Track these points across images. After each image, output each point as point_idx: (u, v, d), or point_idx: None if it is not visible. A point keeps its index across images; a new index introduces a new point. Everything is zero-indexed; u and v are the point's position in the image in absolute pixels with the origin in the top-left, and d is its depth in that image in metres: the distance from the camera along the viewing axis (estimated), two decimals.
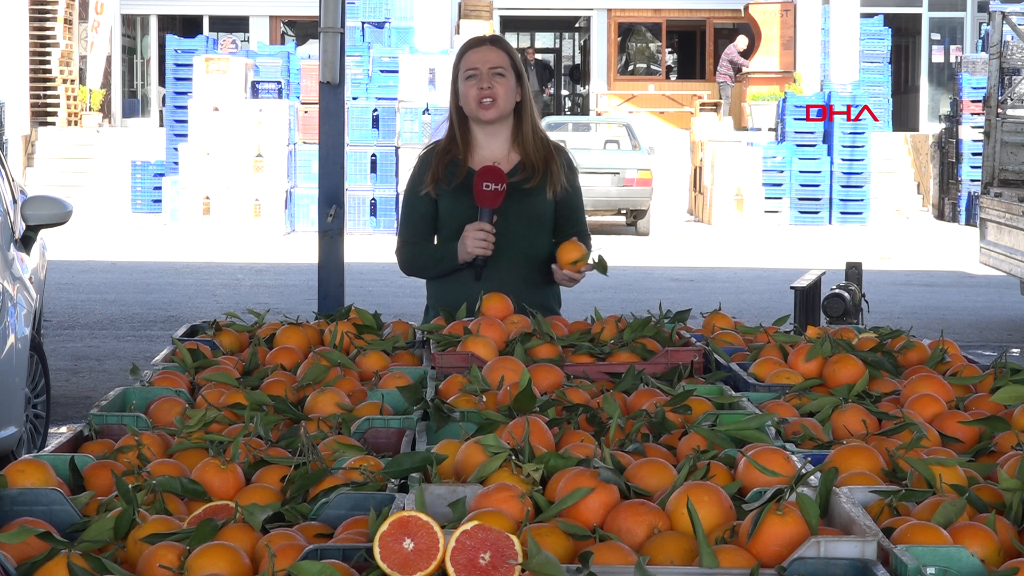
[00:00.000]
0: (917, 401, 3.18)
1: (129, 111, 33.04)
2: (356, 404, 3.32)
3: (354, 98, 22.69)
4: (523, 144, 4.70)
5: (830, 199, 25.12)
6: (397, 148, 22.63)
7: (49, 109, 28.43)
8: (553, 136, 4.95)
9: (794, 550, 2.21)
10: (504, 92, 4.63)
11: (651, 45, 35.47)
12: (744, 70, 30.35)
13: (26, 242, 8.00)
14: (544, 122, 23.31)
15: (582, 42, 38.49)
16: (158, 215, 23.41)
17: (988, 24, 19.88)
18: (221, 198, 21.94)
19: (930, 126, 31.21)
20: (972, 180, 24.43)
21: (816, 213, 25.06)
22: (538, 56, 40.19)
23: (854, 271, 7.16)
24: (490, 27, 28.90)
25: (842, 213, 25.16)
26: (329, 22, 5.50)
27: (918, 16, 33.50)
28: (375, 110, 22.76)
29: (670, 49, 36.42)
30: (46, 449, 2.99)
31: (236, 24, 33.81)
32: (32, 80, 27.90)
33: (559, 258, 4.53)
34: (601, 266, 4.45)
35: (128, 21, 33.66)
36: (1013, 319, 14.31)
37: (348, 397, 3.34)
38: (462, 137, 4.70)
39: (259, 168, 21.97)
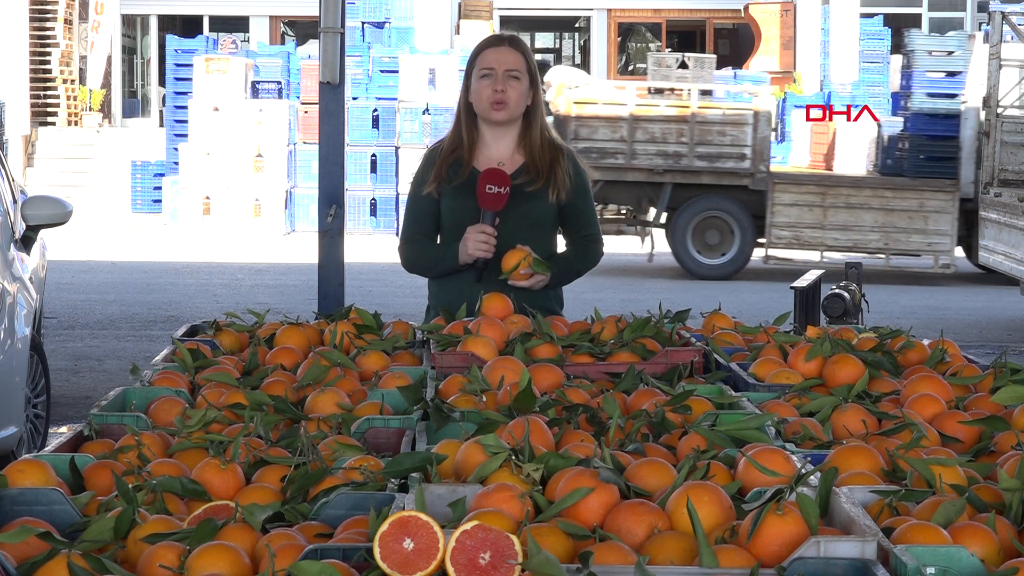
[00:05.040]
0: (917, 401, 3.18)
1: (129, 111, 33.02)
2: (356, 404, 3.31)
3: (354, 98, 22.68)
4: (529, 147, 4.66)
5: None
6: (397, 148, 22.63)
7: (49, 109, 28.42)
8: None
9: (794, 550, 2.21)
10: (517, 96, 4.61)
11: (651, 45, 35.47)
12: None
13: (26, 242, 8.00)
14: None
15: (582, 42, 38.47)
16: (158, 215, 23.40)
17: (988, 24, 19.86)
18: (221, 198, 21.94)
19: None
20: None
21: None
22: (537, 56, 40.15)
23: (854, 271, 7.14)
24: (490, 27, 28.87)
25: None
26: (329, 22, 5.50)
27: (918, 16, 33.51)
28: (375, 110, 22.75)
29: (670, 49, 36.41)
30: (46, 449, 2.98)
31: (236, 24, 33.81)
32: (32, 80, 27.89)
33: (503, 268, 4.51)
34: (540, 267, 4.46)
35: (128, 21, 33.66)
36: (1013, 319, 14.31)
37: (348, 397, 3.33)
38: (468, 135, 4.67)
39: (259, 168, 21.97)
